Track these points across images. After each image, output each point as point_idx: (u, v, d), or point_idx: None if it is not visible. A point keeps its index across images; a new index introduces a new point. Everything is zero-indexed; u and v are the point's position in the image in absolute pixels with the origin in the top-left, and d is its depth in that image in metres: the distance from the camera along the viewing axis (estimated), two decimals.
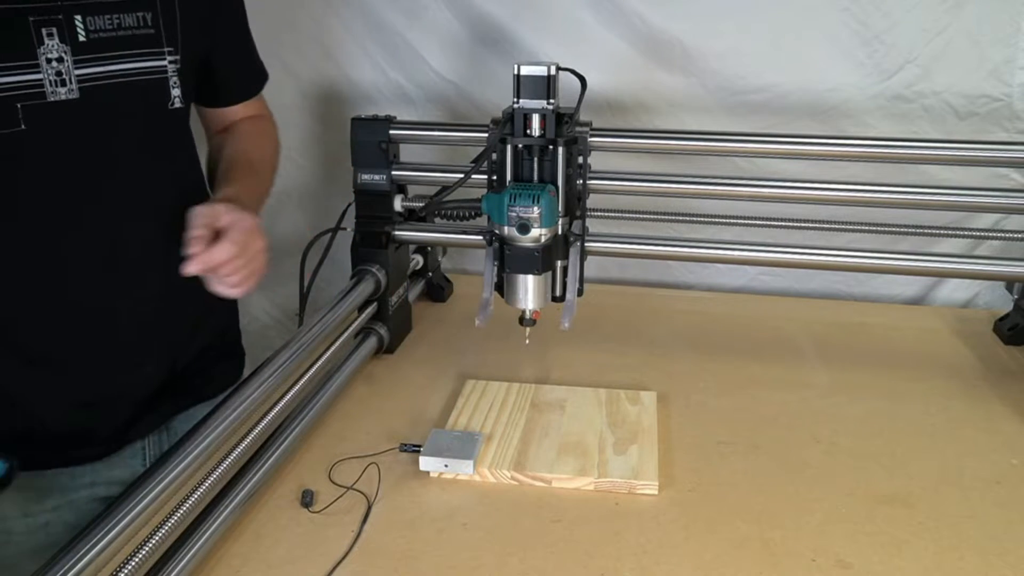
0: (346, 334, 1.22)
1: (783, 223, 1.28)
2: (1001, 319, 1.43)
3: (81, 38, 0.90)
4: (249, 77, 1.19)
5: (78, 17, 0.89)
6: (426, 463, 1.01)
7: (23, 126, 0.86)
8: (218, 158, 1.12)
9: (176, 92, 1.01)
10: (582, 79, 1.14)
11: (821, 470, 1.04)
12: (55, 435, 0.99)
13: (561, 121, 1.13)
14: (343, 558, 0.88)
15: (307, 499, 0.96)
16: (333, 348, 1.18)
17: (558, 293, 1.20)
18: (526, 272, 1.14)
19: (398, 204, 1.32)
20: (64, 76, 0.89)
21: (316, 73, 1.63)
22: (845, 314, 1.53)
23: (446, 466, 1.01)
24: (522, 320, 1.18)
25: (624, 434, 1.08)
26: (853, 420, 1.15)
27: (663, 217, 1.35)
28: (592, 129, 1.21)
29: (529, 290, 1.15)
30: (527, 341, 1.19)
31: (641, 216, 1.35)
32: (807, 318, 1.48)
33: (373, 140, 1.29)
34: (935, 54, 1.42)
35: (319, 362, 1.14)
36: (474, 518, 0.95)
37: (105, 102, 0.93)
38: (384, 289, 1.30)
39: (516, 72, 1.11)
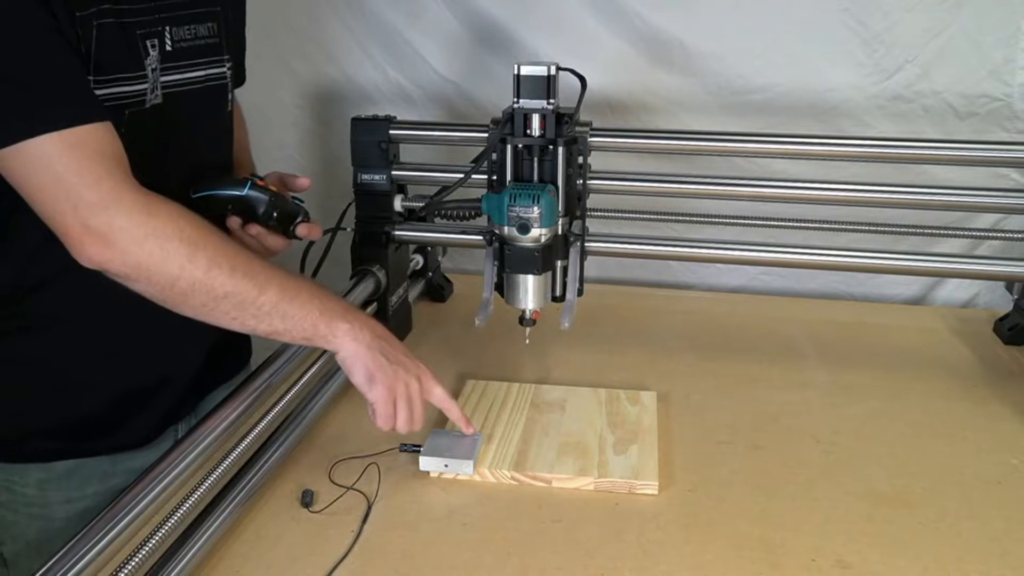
0: None
1: (783, 223, 1.28)
2: (1001, 319, 1.43)
3: (168, 48, 0.94)
4: (242, 68, 1.20)
5: (167, 28, 0.94)
6: (426, 463, 1.01)
7: (123, 130, 0.88)
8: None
9: (230, 96, 1.07)
10: (582, 79, 1.14)
11: (821, 470, 1.04)
12: (105, 422, 1.01)
13: (561, 121, 1.13)
14: (343, 558, 0.88)
15: (307, 499, 0.96)
16: None
17: (558, 293, 1.20)
18: (526, 272, 1.14)
19: (398, 204, 1.32)
20: (154, 84, 0.92)
21: (316, 73, 1.63)
22: (845, 314, 1.53)
23: (446, 466, 1.01)
24: (522, 320, 1.18)
25: (624, 434, 1.08)
26: (853, 420, 1.15)
27: (663, 217, 1.35)
28: (592, 129, 1.21)
29: (529, 290, 1.15)
30: (527, 341, 1.19)
31: (641, 216, 1.36)
32: (807, 318, 1.48)
33: (373, 140, 1.29)
34: (935, 54, 1.42)
35: (319, 362, 1.13)
36: (474, 518, 0.95)
37: (182, 107, 0.97)
38: (384, 289, 1.29)
39: (516, 72, 1.11)
